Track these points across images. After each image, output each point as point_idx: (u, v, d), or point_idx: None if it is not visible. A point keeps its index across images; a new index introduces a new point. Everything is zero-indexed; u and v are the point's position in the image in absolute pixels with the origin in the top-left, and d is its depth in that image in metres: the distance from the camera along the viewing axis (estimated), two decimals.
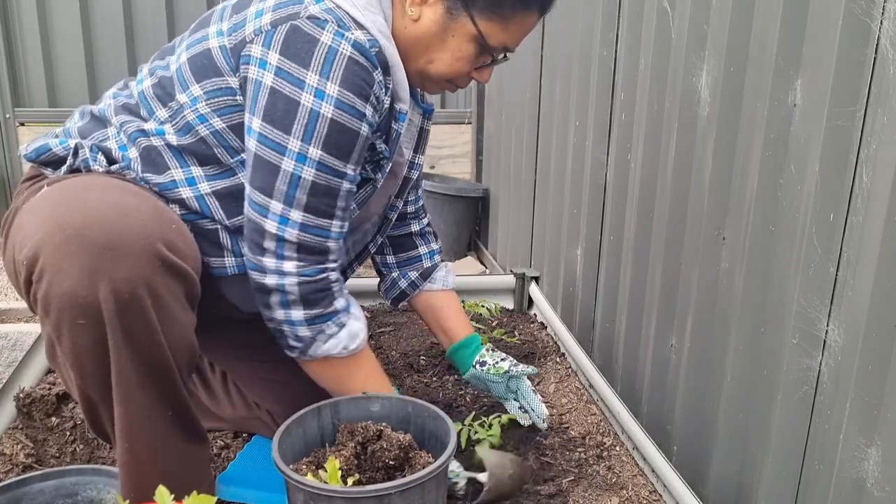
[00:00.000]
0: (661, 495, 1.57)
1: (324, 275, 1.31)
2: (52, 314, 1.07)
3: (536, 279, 2.64)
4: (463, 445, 1.63)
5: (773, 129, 1.33)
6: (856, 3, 1.12)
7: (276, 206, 1.25)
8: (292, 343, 1.35)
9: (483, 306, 2.17)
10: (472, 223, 3.86)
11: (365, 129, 1.26)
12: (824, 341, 1.22)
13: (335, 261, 1.34)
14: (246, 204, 1.29)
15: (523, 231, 2.99)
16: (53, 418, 1.74)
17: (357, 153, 1.28)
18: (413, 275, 1.77)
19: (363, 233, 1.65)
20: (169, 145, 1.32)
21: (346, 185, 1.29)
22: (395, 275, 1.78)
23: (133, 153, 1.32)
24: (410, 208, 1.77)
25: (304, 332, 1.33)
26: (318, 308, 1.32)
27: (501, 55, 1.38)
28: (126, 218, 1.09)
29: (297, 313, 1.31)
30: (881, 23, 1.08)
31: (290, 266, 1.28)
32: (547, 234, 2.67)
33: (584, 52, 2.25)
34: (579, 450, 1.71)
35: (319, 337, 1.34)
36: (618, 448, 1.74)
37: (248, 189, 1.28)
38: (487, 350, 1.72)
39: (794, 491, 1.30)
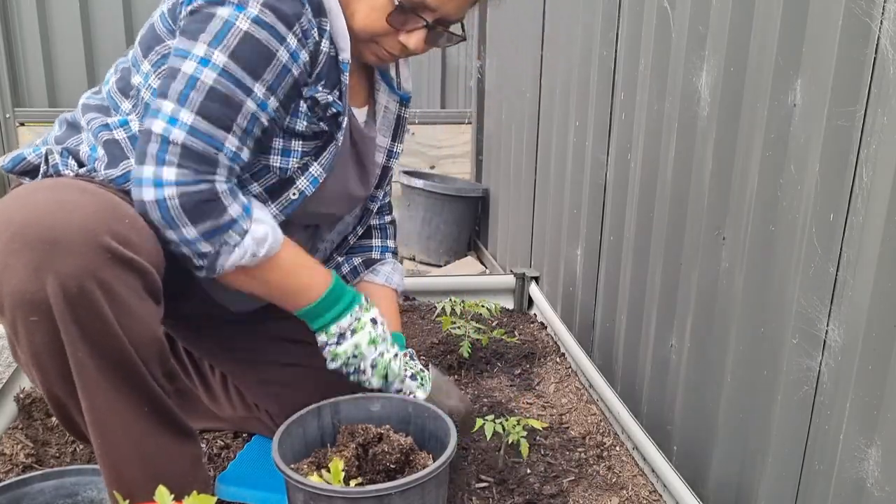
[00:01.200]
0: (661, 495, 1.57)
1: (207, 185, 1.19)
2: (6, 313, 1.07)
3: (536, 279, 2.64)
4: (488, 437, 1.54)
5: (773, 129, 1.33)
6: (856, 3, 1.12)
7: (168, 105, 1.17)
8: (197, 262, 1.23)
9: (483, 306, 2.17)
10: (472, 223, 3.86)
11: (284, 55, 1.20)
12: (824, 341, 1.22)
13: (226, 177, 1.22)
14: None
15: (523, 231, 2.99)
16: (53, 418, 1.74)
17: (271, 77, 1.21)
18: (356, 261, 1.67)
19: (345, 224, 1.63)
20: (131, 137, 1.30)
21: (251, 105, 1.20)
22: (340, 259, 1.68)
23: (100, 152, 1.30)
24: (376, 205, 1.69)
25: (204, 247, 1.21)
26: (208, 221, 1.20)
27: (434, 22, 1.31)
28: (69, 213, 1.07)
29: (188, 231, 1.19)
30: (881, 23, 1.09)
31: (169, 174, 1.16)
32: (547, 234, 2.67)
33: (584, 52, 2.25)
34: (579, 450, 1.71)
35: (223, 249, 1.22)
36: (618, 448, 1.74)
37: None
38: (406, 355, 1.54)
39: (794, 491, 1.30)
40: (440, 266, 3.75)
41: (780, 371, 1.33)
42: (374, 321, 1.38)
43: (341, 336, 1.35)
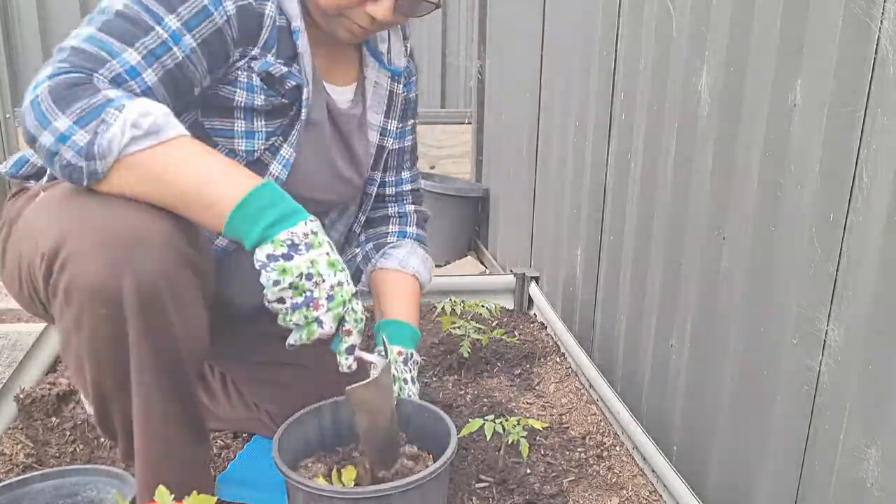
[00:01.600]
0: (661, 495, 1.57)
1: (83, 74, 1.06)
2: (74, 303, 1.07)
3: (536, 279, 2.64)
4: (488, 437, 1.51)
5: (773, 129, 1.33)
6: (856, 3, 1.12)
7: (73, 32, 1.11)
8: (78, 164, 1.03)
9: (483, 306, 2.17)
10: (472, 223, 3.86)
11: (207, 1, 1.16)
12: (824, 341, 1.22)
13: (111, 82, 1.08)
14: None
15: (523, 231, 2.99)
16: (53, 418, 1.74)
17: (188, 13, 1.15)
18: (368, 247, 1.59)
19: (349, 215, 1.62)
20: None
21: (161, 31, 1.13)
22: (356, 250, 1.61)
23: None
24: (390, 190, 1.63)
25: (80, 137, 1.02)
26: (80, 101, 1.03)
27: None
28: (148, 214, 1.08)
29: (61, 122, 1.02)
30: (881, 23, 1.09)
31: (47, 71, 1.05)
32: (547, 235, 2.67)
33: (585, 52, 2.25)
34: (579, 450, 1.71)
35: (100, 129, 1.02)
36: (618, 448, 1.74)
37: None
38: (400, 353, 1.45)
39: (794, 491, 1.30)
40: (440, 266, 3.75)
41: (780, 371, 1.33)
42: (331, 245, 1.12)
43: (293, 247, 1.06)
